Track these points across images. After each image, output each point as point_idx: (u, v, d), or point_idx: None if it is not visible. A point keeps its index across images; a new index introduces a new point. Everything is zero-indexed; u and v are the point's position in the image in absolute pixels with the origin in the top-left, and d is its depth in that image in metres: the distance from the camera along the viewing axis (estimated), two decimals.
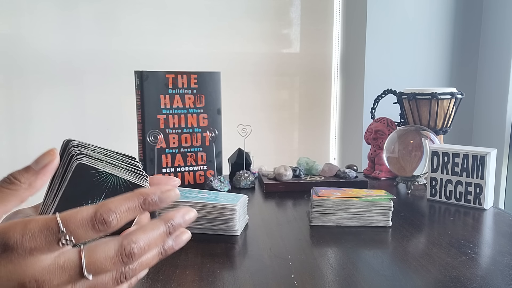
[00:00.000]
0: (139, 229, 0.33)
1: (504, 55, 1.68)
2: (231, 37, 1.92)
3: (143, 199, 0.33)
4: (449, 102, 1.19)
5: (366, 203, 0.82)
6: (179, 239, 0.35)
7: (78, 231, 0.31)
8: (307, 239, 0.77)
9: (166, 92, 1.09)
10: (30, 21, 1.76)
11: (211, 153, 1.15)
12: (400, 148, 1.08)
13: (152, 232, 0.33)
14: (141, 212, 0.33)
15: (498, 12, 1.71)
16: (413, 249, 0.72)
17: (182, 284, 0.59)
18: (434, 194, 1.02)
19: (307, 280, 0.60)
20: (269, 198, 1.04)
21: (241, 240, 0.76)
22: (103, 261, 0.31)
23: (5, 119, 1.80)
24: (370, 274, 0.62)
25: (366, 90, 1.76)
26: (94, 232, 0.31)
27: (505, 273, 0.63)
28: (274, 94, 2.00)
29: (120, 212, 0.32)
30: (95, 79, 1.84)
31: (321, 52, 2.00)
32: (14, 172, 0.34)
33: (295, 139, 2.07)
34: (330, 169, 1.15)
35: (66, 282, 0.30)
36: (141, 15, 1.84)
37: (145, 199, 0.33)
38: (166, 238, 0.34)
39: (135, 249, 0.32)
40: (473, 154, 0.95)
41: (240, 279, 0.61)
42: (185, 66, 1.81)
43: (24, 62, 1.78)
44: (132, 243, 0.32)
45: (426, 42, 1.78)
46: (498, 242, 0.76)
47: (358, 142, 1.83)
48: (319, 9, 1.98)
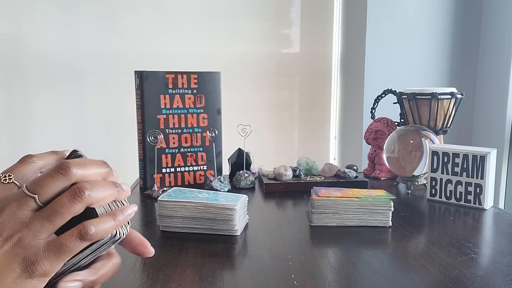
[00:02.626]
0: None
1: (504, 55, 1.68)
2: (231, 37, 1.92)
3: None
4: (449, 102, 1.19)
5: (366, 203, 0.82)
6: None
7: (11, 168, 0.38)
8: (307, 239, 0.77)
9: (166, 92, 1.09)
10: (30, 21, 1.76)
11: (211, 153, 1.15)
12: (400, 148, 1.08)
13: (88, 160, 0.38)
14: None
15: (498, 12, 1.71)
16: (413, 249, 0.72)
17: (182, 284, 0.59)
18: (434, 194, 1.02)
19: (307, 280, 0.60)
20: (269, 198, 1.04)
21: (241, 240, 0.76)
22: (41, 177, 0.36)
23: (5, 119, 1.80)
24: (370, 274, 0.62)
25: (366, 90, 1.76)
26: (24, 164, 0.38)
27: (505, 273, 0.63)
28: (274, 94, 2.00)
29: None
30: (95, 79, 1.84)
31: (321, 52, 2.01)
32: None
33: (295, 139, 2.07)
34: (330, 169, 1.15)
35: (16, 206, 0.36)
36: (141, 16, 1.84)
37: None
38: (103, 171, 0.39)
39: (69, 162, 0.36)
40: (473, 154, 0.95)
41: (240, 279, 0.61)
42: (185, 66, 1.81)
43: (24, 62, 1.78)
44: (66, 161, 0.37)
45: (426, 42, 1.78)
46: (498, 242, 0.76)
47: (358, 142, 1.83)
48: (319, 9, 1.98)
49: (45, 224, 0.36)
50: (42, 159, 0.40)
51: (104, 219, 0.37)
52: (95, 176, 0.38)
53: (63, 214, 0.36)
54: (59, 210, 0.36)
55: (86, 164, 0.37)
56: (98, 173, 0.38)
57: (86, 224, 0.36)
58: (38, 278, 0.35)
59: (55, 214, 0.36)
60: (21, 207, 0.36)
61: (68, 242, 0.36)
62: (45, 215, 0.36)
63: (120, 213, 0.38)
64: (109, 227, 0.37)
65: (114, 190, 0.38)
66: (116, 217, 0.38)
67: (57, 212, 0.36)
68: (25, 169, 0.39)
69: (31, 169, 0.39)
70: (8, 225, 0.35)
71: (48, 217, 0.36)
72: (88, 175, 0.37)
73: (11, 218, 0.35)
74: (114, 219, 0.37)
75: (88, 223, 0.36)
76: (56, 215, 0.36)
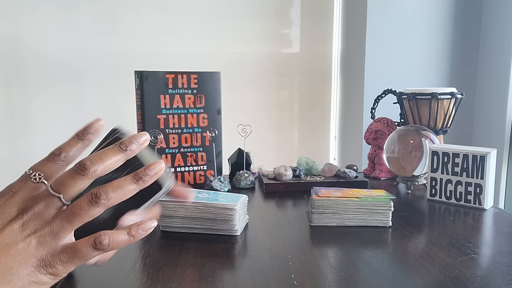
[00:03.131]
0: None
1: (504, 55, 1.68)
2: (231, 37, 1.92)
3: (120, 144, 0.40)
4: (449, 102, 1.19)
5: (366, 203, 0.82)
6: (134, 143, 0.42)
7: (41, 168, 0.40)
8: (307, 239, 0.77)
9: (166, 92, 1.09)
10: (30, 21, 1.76)
11: (211, 153, 1.15)
12: (400, 148, 1.08)
13: (104, 151, 0.40)
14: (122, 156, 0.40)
15: (498, 12, 1.71)
16: (413, 249, 0.72)
17: (182, 284, 0.59)
18: (434, 194, 1.02)
19: (307, 280, 0.60)
20: (269, 198, 1.04)
21: (241, 240, 0.76)
22: (64, 177, 0.39)
23: (5, 119, 1.80)
24: (370, 274, 0.62)
25: (366, 90, 1.76)
26: (53, 163, 0.41)
27: (505, 273, 0.63)
28: (274, 94, 2.00)
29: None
30: (95, 79, 1.84)
31: (321, 52, 2.00)
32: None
33: (295, 139, 2.07)
34: (330, 169, 1.15)
35: (44, 206, 0.38)
36: (142, 16, 1.84)
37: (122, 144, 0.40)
38: (120, 157, 0.40)
39: (87, 162, 0.38)
40: (473, 154, 0.95)
41: (240, 279, 0.61)
42: (185, 66, 1.81)
43: (24, 62, 1.78)
44: (85, 160, 0.39)
45: (426, 42, 1.78)
46: (498, 242, 0.76)
47: (358, 142, 1.83)
48: (319, 9, 1.98)
49: (65, 224, 0.38)
50: (68, 151, 0.42)
51: (119, 233, 0.40)
52: (115, 164, 0.40)
53: (82, 216, 0.38)
54: (79, 213, 0.38)
55: (102, 158, 0.39)
56: (117, 160, 0.40)
57: (102, 234, 0.39)
58: (49, 276, 0.38)
59: (74, 216, 0.38)
60: (48, 206, 0.38)
61: (83, 248, 0.38)
62: (66, 216, 0.38)
63: (136, 227, 0.41)
64: (122, 239, 0.40)
65: (134, 186, 0.39)
66: (131, 231, 0.40)
67: (77, 214, 0.38)
68: (53, 167, 0.41)
69: (60, 167, 0.41)
70: (32, 222, 0.38)
71: (68, 218, 0.38)
72: (108, 167, 0.40)
73: (36, 216, 0.38)
74: (129, 234, 0.40)
75: (104, 234, 0.39)
76: (75, 216, 0.38)
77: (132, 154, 0.41)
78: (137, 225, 0.41)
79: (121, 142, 0.40)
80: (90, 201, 0.38)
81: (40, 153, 0.42)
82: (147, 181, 0.40)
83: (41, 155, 0.42)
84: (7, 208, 0.38)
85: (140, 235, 0.41)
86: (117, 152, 0.40)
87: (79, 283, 0.59)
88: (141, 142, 0.41)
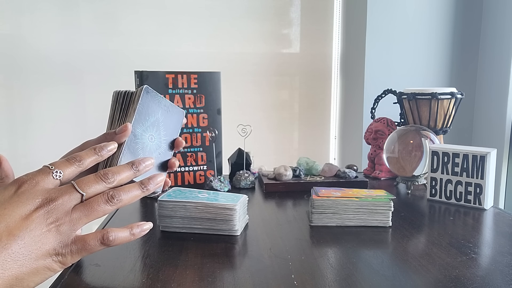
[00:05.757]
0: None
1: (504, 55, 1.68)
2: (231, 37, 1.92)
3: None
4: (449, 102, 1.19)
5: (366, 203, 0.82)
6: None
7: (61, 166, 0.46)
8: (307, 239, 0.77)
9: (166, 92, 1.09)
10: (30, 21, 1.77)
11: (211, 153, 1.15)
12: (400, 148, 1.08)
13: (122, 168, 0.50)
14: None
15: (498, 12, 1.71)
16: (413, 249, 0.72)
17: (182, 284, 0.59)
18: (434, 194, 1.02)
19: (307, 280, 0.60)
20: (269, 198, 1.04)
21: (241, 240, 0.76)
22: (89, 180, 0.46)
23: (5, 119, 1.80)
24: (370, 274, 0.62)
25: (366, 90, 1.76)
26: (73, 166, 0.47)
27: (505, 273, 0.63)
28: (274, 94, 2.00)
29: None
30: (95, 79, 1.84)
31: (321, 52, 2.01)
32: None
33: (295, 139, 2.07)
34: (330, 169, 1.15)
35: (68, 198, 0.44)
36: (141, 16, 1.84)
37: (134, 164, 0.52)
38: (131, 175, 0.51)
39: (109, 173, 0.48)
40: (473, 154, 0.95)
41: (240, 279, 0.61)
42: (185, 66, 1.81)
43: (24, 62, 1.78)
44: (109, 170, 0.48)
45: (426, 42, 1.78)
46: (498, 242, 0.76)
47: (358, 142, 1.83)
48: (319, 9, 1.98)
49: (82, 217, 0.44)
50: (86, 160, 0.49)
51: (122, 230, 0.48)
52: (126, 180, 0.50)
53: (98, 212, 0.45)
54: (96, 208, 0.45)
55: (120, 172, 0.49)
56: (129, 176, 0.50)
57: (109, 231, 0.46)
58: (58, 264, 0.43)
59: (92, 210, 0.45)
60: (71, 200, 0.44)
61: (92, 241, 0.45)
62: (84, 209, 0.44)
63: (136, 227, 0.49)
64: (124, 237, 0.48)
65: (139, 191, 0.49)
66: (132, 230, 0.49)
67: (94, 210, 0.45)
68: (71, 169, 0.47)
69: (75, 171, 0.47)
70: (56, 211, 0.43)
71: (86, 211, 0.44)
72: (122, 181, 0.49)
73: (60, 206, 0.43)
74: (130, 232, 0.49)
75: (111, 230, 0.47)
76: (92, 211, 0.45)
77: (139, 174, 0.51)
78: (137, 225, 0.49)
79: (138, 169, 0.51)
80: (106, 200, 0.45)
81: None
82: (150, 190, 0.50)
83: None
84: (33, 195, 0.42)
85: (139, 233, 0.49)
86: (130, 169, 0.50)
87: (79, 283, 0.59)
88: (157, 182, 0.51)
